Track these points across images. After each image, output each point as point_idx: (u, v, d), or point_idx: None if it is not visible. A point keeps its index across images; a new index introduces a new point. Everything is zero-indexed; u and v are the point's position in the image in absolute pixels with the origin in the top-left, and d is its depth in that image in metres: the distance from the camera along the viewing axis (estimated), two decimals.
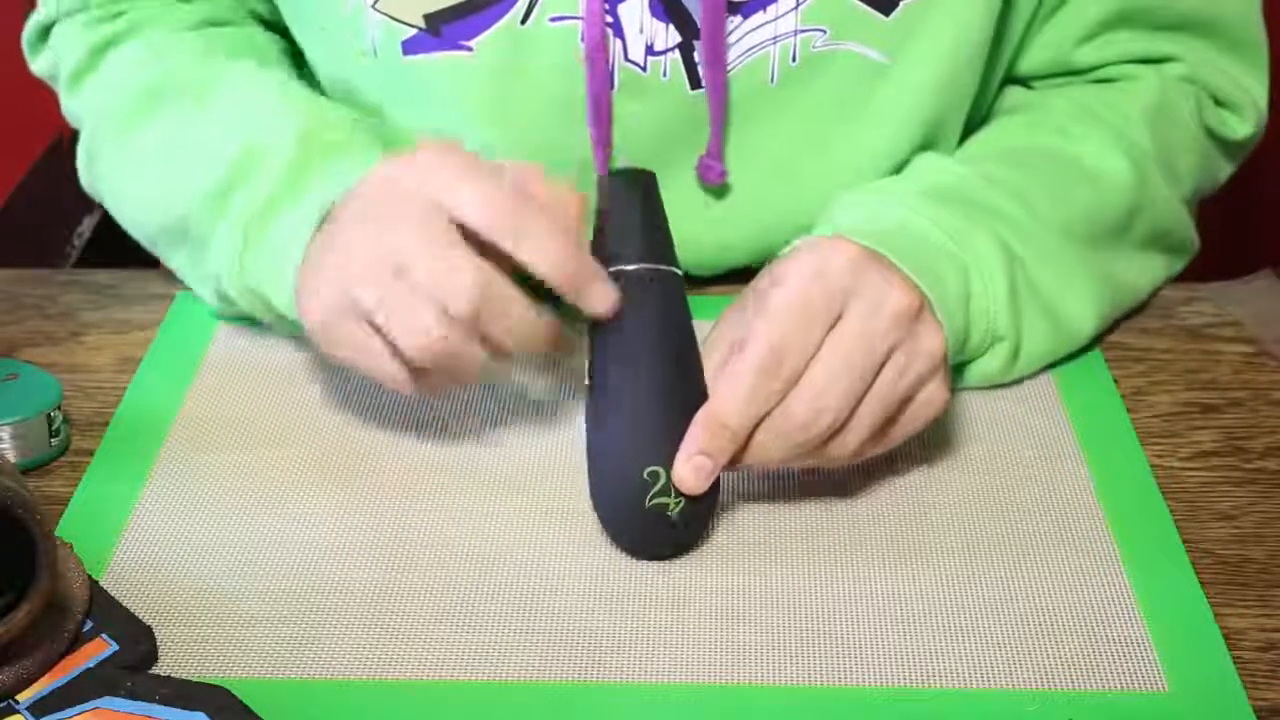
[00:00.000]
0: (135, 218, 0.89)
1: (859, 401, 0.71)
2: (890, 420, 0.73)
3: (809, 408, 0.70)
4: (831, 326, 0.71)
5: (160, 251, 0.89)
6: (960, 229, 0.80)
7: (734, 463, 0.72)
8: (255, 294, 0.81)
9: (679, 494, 0.71)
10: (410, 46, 0.84)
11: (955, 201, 0.82)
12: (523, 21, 0.83)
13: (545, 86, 0.85)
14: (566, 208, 0.74)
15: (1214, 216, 0.94)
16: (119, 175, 0.90)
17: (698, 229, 0.90)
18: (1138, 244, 0.88)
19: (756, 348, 0.70)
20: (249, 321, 0.88)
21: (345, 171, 0.78)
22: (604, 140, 0.85)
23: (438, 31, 0.83)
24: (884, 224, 0.79)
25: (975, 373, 0.82)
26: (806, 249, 0.73)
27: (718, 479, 0.72)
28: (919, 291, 0.73)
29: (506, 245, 0.72)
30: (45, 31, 0.94)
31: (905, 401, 0.73)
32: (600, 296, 0.73)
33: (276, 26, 0.95)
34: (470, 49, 0.84)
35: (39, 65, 0.96)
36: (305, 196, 0.79)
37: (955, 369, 0.81)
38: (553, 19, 0.83)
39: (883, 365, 0.71)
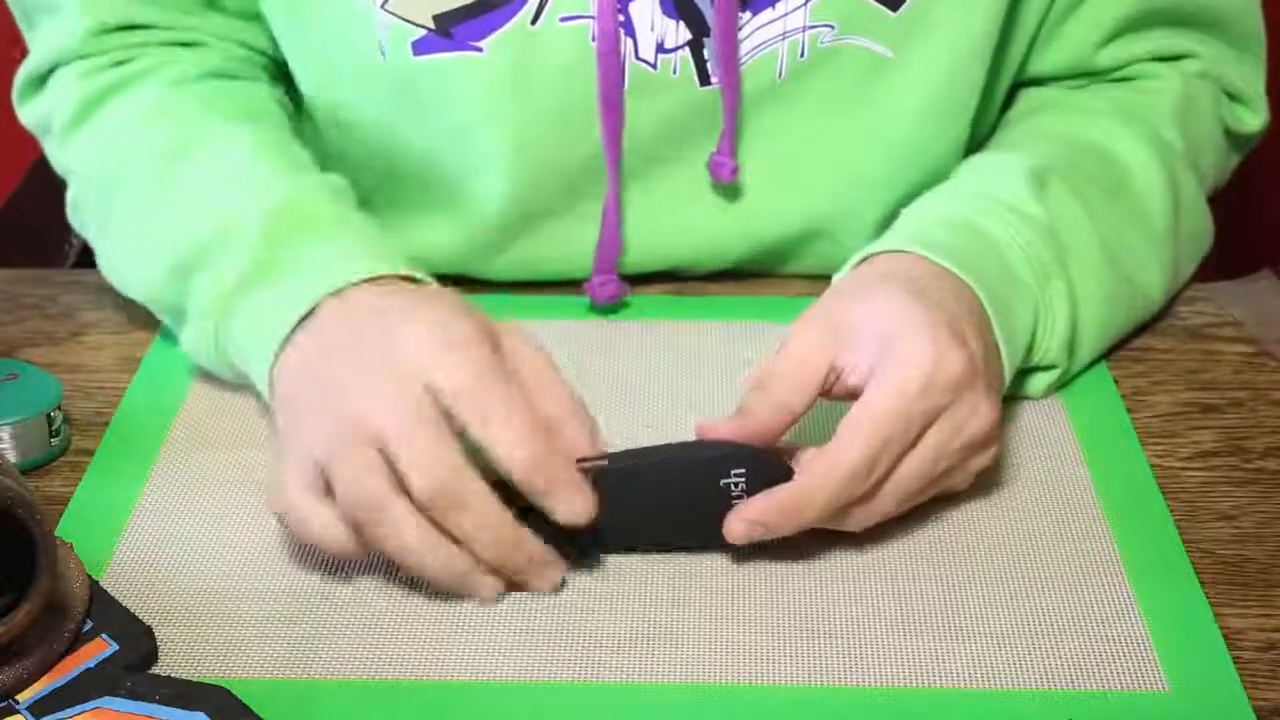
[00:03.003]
0: (121, 283, 0.88)
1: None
2: None
3: (866, 513, 0.71)
4: (928, 427, 0.71)
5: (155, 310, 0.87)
6: (1047, 269, 0.80)
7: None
8: (235, 370, 0.80)
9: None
10: (420, 47, 0.84)
11: (1048, 234, 0.81)
12: (533, 21, 0.83)
13: (556, 86, 0.85)
14: (553, 387, 0.71)
15: (1214, 216, 0.94)
16: (101, 239, 0.88)
17: (701, 226, 0.90)
18: (1169, 261, 0.88)
19: (854, 454, 0.69)
20: None
21: (325, 259, 0.77)
22: (615, 138, 0.85)
23: (448, 32, 0.83)
24: (987, 251, 0.79)
25: (1027, 386, 0.83)
26: (923, 331, 0.71)
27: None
28: (1000, 407, 0.73)
29: (473, 429, 0.68)
30: (41, 80, 0.91)
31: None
32: (568, 500, 0.69)
33: (283, 74, 0.93)
34: (481, 49, 0.83)
35: (29, 115, 0.92)
36: (284, 276, 0.77)
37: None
38: (563, 19, 0.83)
39: (934, 481, 0.72)
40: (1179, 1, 0.90)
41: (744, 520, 0.70)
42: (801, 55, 0.85)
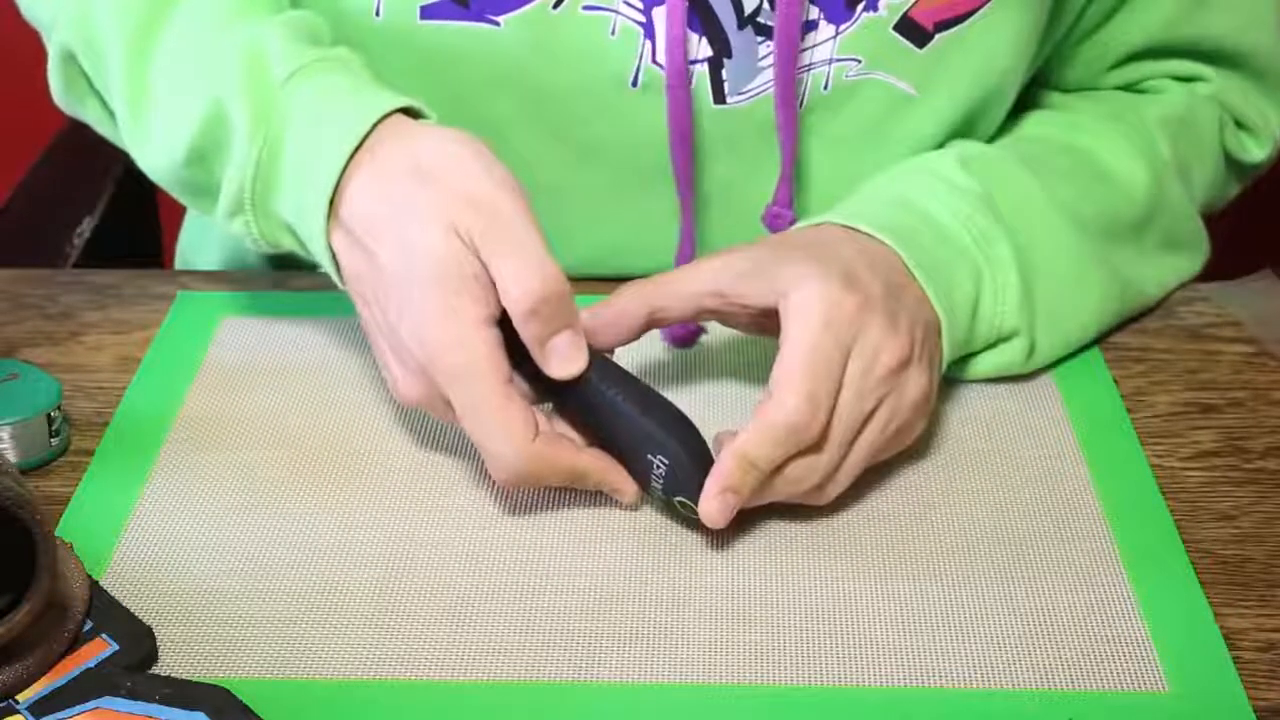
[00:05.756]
0: (154, 162, 0.85)
1: (848, 450, 0.74)
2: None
3: (804, 464, 0.72)
4: (846, 362, 0.73)
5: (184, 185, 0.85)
6: (985, 232, 0.81)
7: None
8: (285, 231, 0.79)
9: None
10: (429, 12, 0.84)
11: (983, 200, 0.82)
12: (555, 6, 0.83)
13: (569, 70, 0.85)
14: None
15: (1214, 216, 0.94)
16: (110, 111, 0.86)
17: (710, 241, 0.89)
18: (1152, 247, 0.89)
19: (793, 402, 0.71)
20: (253, 312, 0.90)
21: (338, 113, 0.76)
22: (686, 154, 0.85)
23: (466, 3, 0.83)
24: (913, 217, 0.80)
25: (993, 364, 0.83)
26: (812, 279, 0.73)
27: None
28: (911, 339, 0.74)
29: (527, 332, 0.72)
30: None
31: (886, 444, 0.75)
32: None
33: None
34: (498, 24, 0.83)
35: None
36: (291, 159, 0.77)
37: (971, 359, 0.83)
38: (586, 8, 0.83)
39: (870, 416, 0.73)
40: (1198, 38, 0.90)
41: (712, 498, 0.71)
42: (825, 88, 0.85)
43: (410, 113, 0.77)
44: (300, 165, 0.76)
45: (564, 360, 0.73)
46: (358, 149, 0.75)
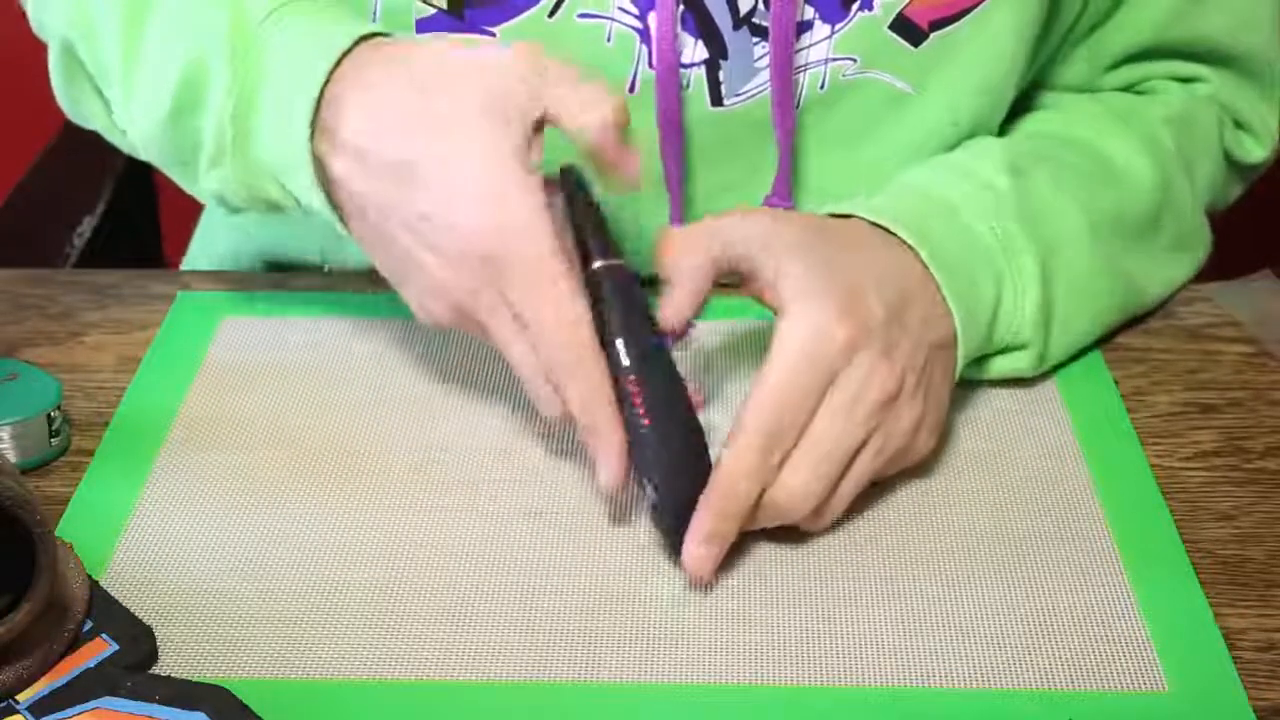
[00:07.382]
0: (140, 129, 0.85)
1: (839, 480, 0.73)
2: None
3: (789, 496, 0.71)
4: (823, 395, 0.72)
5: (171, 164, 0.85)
6: (1011, 239, 0.81)
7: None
8: (270, 180, 0.79)
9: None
10: (424, 27, 0.84)
11: (1011, 205, 0.82)
12: (550, 15, 0.83)
13: None
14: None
15: (1214, 216, 0.94)
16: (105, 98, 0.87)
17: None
18: (1159, 248, 0.88)
19: (754, 424, 0.70)
20: (253, 312, 0.90)
21: (313, 43, 0.76)
22: (677, 156, 0.85)
23: (461, 15, 0.83)
24: (941, 218, 0.80)
25: (1003, 368, 0.83)
26: (810, 304, 0.72)
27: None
28: (904, 370, 0.74)
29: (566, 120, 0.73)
30: None
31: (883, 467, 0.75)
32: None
33: None
34: (493, 35, 0.83)
35: None
36: (266, 101, 0.77)
37: (980, 362, 0.82)
38: (581, 15, 0.83)
39: (861, 447, 0.73)
40: (1194, 39, 0.90)
41: (692, 548, 0.70)
42: (821, 87, 0.85)
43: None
44: (280, 95, 0.76)
45: (632, 175, 0.74)
46: (337, 66, 0.75)
